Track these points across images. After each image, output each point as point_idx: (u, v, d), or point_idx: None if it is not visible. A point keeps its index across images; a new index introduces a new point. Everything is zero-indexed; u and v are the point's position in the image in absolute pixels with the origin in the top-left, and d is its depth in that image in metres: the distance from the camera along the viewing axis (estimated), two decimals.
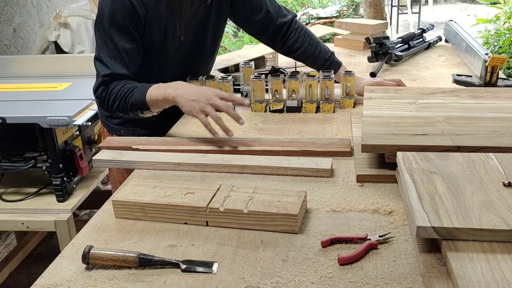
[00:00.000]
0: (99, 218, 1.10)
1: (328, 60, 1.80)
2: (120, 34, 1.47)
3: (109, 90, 1.49)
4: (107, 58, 1.49)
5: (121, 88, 1.48)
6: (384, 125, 1.27)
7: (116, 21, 1.46)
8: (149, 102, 1.44)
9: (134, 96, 1.45)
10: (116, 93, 1.48)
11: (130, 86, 1.48)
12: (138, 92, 1.46)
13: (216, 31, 1.72)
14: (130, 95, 1.46)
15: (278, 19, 1.77)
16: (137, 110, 1.49)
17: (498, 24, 4.83)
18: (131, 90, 1.47)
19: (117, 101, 1.48)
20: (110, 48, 1.48)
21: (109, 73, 1.48)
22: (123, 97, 1.47)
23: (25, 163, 1.93)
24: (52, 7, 3.44)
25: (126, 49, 1.49)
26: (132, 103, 1.46)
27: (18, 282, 2.54)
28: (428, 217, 0.85)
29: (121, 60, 1.49)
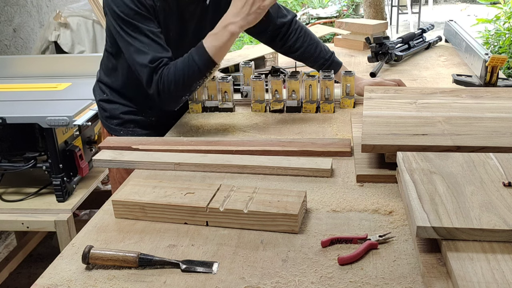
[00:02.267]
0: (99, 218, 1.10)
1: (328, 60, 1.80)
2: (143, 23, 1.43)
3: (165, 77, 1.42)
4: (142, 49, 1.43)
5: (176, 68, 1.42)
6: (384, 125, 1.27)
7: (131, 12, 1.43)
8: (215, 55, 1.40)
9: (197, 61, 1.40)
10: (174, 75, 1.42)
11: (182, 59, 1.42)
12: (197, 55, 1.40)
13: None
14: (191, 64, 1.40)
15: (277, 19, 1.77)
16: (206, 73, 1.44)
17: (498, 24, 4.83)
18: (187, 60, 1.41)
19: (180, 81, 1.42)
20: (141, 39, 1.43)
21: (151, 58, 1.42)
22: (184, 73, 1.41)
23: (25, 163, 1.93)
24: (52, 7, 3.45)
25: (154, 32, 1.44)
26: (200, 71, 1.41)
27: (18, 282, 2.54)
28: (428, 217, 0.85)
29: (156, 44, 1.44)
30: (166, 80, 1.43)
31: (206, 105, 1.74)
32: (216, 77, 1.71)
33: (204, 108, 1.75)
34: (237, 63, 2.14)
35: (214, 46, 1.40)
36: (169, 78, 1.42)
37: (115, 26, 1.47)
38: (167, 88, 1.44)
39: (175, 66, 1.44)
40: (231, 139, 1.45)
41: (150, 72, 1.43)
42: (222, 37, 1.39)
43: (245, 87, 1.83)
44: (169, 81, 1.43)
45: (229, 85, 1.69)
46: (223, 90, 1.70)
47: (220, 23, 1.42)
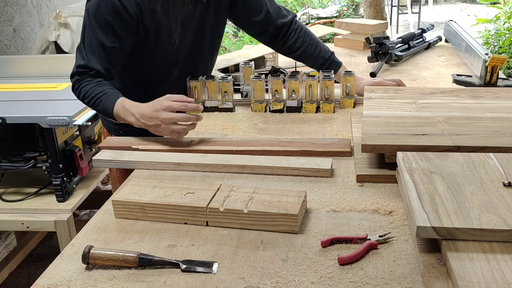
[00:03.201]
0: (99, 218, 1.10)
1: (328, 60, 1.80)
2: (103, 31, 1.48)
3: (81, 85, 1.52)
4: (86, 50, 1.51)
5: (92, 88, 1.50)
6: (384, 125, 1.27)
7: (101, 17, 1.47)
8: (116, 116, 1.48)
9: (103, 104, 1.49)
10: (86, 92, 1.51)
11: (101, 90, 1.50)
12: (106, 102, 1.48)
13: (215, 31, 1.71)
14: (99, 100, 1.49)
15: (278, 19, 1.77)
16: (104, 115, 1.56)
17: (498, 24, 4.83)
18: (100, 95, 1.49)
19: (87, 99, 1.52)
20: (91, 41, 1.50)
21: (83, 64, 1.51)
22: (92, 99, 1.50)
23: (25, 163, 1.93)
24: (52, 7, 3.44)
25: (106, 46, 1.50)
26: (100, 110, 1.51)
27: (18, 282, 2.54)
28: (428, 217, 0.85)
29: (98, 56, 1.50)
30: (80, 90, 1.53)
31: (206, 105, 1.74)
32: (216, 77, 1.71)
33: (204, 108, 1.74)
34: (237, 63, 2.14)
35: (117, 112, 1.47)
36: (81, 91, 1.52)
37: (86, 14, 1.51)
38: (78, 94, 1.55)
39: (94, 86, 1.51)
40: (231, 139, 1.45)
41: (75, 72, 1.53)
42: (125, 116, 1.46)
43: (245, 87, 1.83)
44: (81, 91, 1.53)
45: (229, 85, 1.69)
46: (223, 90, 1.70)
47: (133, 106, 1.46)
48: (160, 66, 1.65)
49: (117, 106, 1.47)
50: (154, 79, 1.68)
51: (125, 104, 1.46)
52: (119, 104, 1.47)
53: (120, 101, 1.47)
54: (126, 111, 1.45)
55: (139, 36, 1.54)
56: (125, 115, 1.46)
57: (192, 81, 1.70)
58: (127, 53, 1.57)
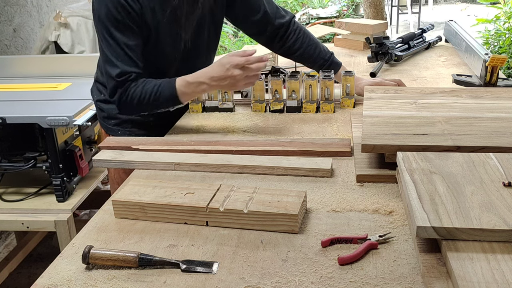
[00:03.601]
0: (99, 218, 1.10)
1: (327, 61, 1.80)
2: (120, 32, 1.47)
3: (129, 93, 1.49)
4: (113, 59, 1.48)
5: (143, 89, 1.48)
6: (384, 125, 1.27)
7: (113, 18, 1.46)
8: (182, 98, 1.48)
9: (163, 94, 1.48)
10: (140, 95, 1.48)
11: (152, 85, 1.49)
12: (165, 90, 1.48)
13: (212, 30, 1.71)
14: (157, 93, 1.47)
15: (276, 20, 1.77)
16: (169, 106, 1.53)
17: (498, 24, 4.83)
18: (156, 90, 1.48)
19: (144, 103, 1.49)
20: (114, 48, 1.48)
21: (119, 72, 1.48)
22: (150, 96, 1.48)
23: (25, 163, 1.93)
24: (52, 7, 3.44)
25: (130, 45, 1.48)
26: (163, 101, 1.49)
27: (18, 282, 2.54)
28: (428, 217, 0.85)
29: (128, 58, 1.49)
30: (131, 96, 1.50)
31: (206, 105, 1.74)
32: None
33: (204, 108, 1.75)
34: None
35: (183, 92, 1.48)
36: (134, 95, 1.49)
37: (97, 28, 1.51)
38: (129, 103, 1.51)
39: (143, 87, 1.49)
40: (231, 139, 1.45)
41: (115, 85, 1.50)
42: (194, 89, 1.48)
43: None
44: (133, 98, 1.50)
45: None
46: (223, 90, 1.70)
47: (197, 76, 1.47)
48: (159, 65, 1.65)
49: (179, 86, 1.47)
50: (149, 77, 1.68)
51: (187, 79, 1.47)
52: (180, 84, 1.47)
53: (179, 80, 1.48)
54: (192, 84, 1.46)
55: (142, 34, 1.54)
56: (193, 89, 1.47)
57: None
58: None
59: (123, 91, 1.50)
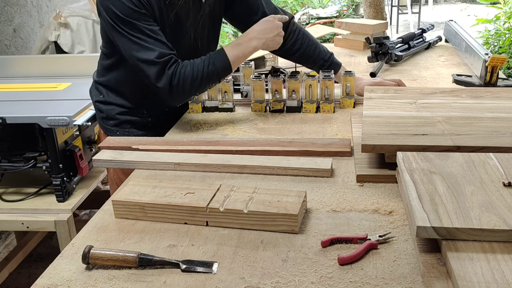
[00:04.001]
0: (99, 218, 1.10)
1: (327, 61, 1.80)
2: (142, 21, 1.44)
3: (180, 75, 1.45)
4: (146, 46, 1.44)
5: (193, 67, 1.47)
6: (384, 125, 1.27)
7: (131, 11, 1.43)
8: (234, 63, 1.51)
9: (217, 66, 1.49)
10: (192, 74, 1.46)
11: (201, 61, 1.49)
12: (218, 61, 1.49)
13: (211, 30, 1.71)
14: (210, 67, 1.47)
15: None
16: (221, 78, 1.54)
17: (498, 24, 4.83)
18: (208, 64, 1.48)
19: (198, 80, 1.47)
20: (143, 37, 1.44)
21: (158, 53, 1.43)
22: (203, 74, 1.47)
23: (25, 163, 1.93)
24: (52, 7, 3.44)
25: (155, 31, 1.45)
26: (218, 74, 1.50)
27: (18, 282, 2.54)
28: (428, 217, 0.85)
29: (159, 41, 1.45)
30: (183, 77, 1.46)
31: (206, 105, 1.74)
32: None
33: (204, 108, 1.75)
34: None
35: (235, 55, 1.50)
36: (186, 75, 1.46)
37: (113, 25, 1.46)
38: (182, 84, 1.46)
39: (193, 64, 1.48)
40: (231, 139, 1.45)
41: (161, 67, 1.44)
42: (245, 48, 1.51)
43: (245, 87, 1.83)
44: (185, 78, 1.46)
45: (229, 85, 1.69)
46: (223, 90, 1.70)
47: (244, 35, 1.53)
48: None
49: (230, 52, 1.49)
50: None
51: (235, 43, 1.51)
52: (229, 50, 1.50)
53: (227, 48, 1.51)
54: (241, 45, 1.50)
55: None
56: (244, 49, 1.50)
57: None
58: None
59: (172, 74, 1.45)
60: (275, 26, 1.54)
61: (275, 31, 1.54)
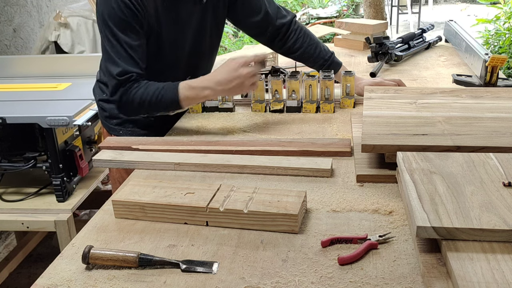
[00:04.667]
0: (99, 218, 1.10)
1: (328, 61, 1.80)
2: (124, 33, 1.46)
3: (131, 94, 1.47)
4: (115, 58, 1.47)
5: (145, 91, 1.47)
6: (384, 125, 1.27)
7: (117, 17, 1.45)
8: (183, 102, 1.47)
9: (165, 98, 1.46)
10: (141, 97, 1.47)
11: (155, 88, 1.47)
12: (168, 93, 1.46)
13: (214, 31, 1.71)
14: (159, 97, 1.46)
15: (277, 20, 1.77)
16: (169, 110, 1.52)
17: (498, 24, 4.83)
18: (158, 92, 1.46)
19: (145, 105, 1.48)
20: (117, 48, 1.47)
21: (120, 71, 1.46)
22: (150, 101, 1.46)
23: (25, 163, 1.93)
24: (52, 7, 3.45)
25: (132, 46, 1.48)
26: (164, 105, 1.48)
27: (18, 282, 2.54)
28: (428, 217, 0.85)
29: (130, 58, 1.48)
30: (132, 97, 1.48)
31: (206, 105, 1.74)
32: None
33: (204, 108, 1.75)
34: None
35: (186, 96, 1.46)
36: (135, 96, 1.48)
37: (101, 27, 1.50)
38: (130, 104, 1.49)
39: (146, 89, 1.47)
40: (231, 139, 1.45)
41: (117, 84, 1.48)
42: (197, 94, 1.46)
43: None
44: (134, 99, 1.48)
45: None
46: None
47: (201, 81, 1.46)
48: (162, 66, 1.65)
49: (182, 90, 1.45)
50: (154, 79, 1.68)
51: (191, 84, 1.46)
52: (183, 88, 1.46)
53: (182, 85, 1.46)
54: (195, 89, 1.45)
55: (145, 35, 1.53)
56: (196, 93, 1.45)
57: None
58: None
59: (124, 91, 1.48)
60: (237, 76, 1.42)
61: (235, 81, 1.43)
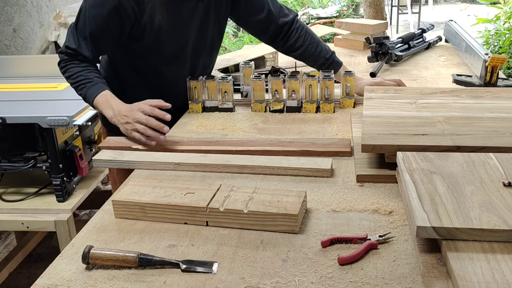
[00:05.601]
0: (99, 218, 1.10)
1: (328, 60, 1.80)
2: (96, 24, 1.51)
3: (68, 65, 1.57)
4: (77, 33, 1.54)
5: (79, 72, 1.54)
6: (384, 125, 1.27)
7: (97, 12, 1.49)
8: (95, 105, 1.53)
9: (86, 90, 1.53)
10: (74, 73, 1.55)
11: (88, 77, 1.53)
12: (90, 89, 1.52)
13: (215, 30, 1.71)
14: (83, 85, 1.53)
15: (279, 18, 1.77)
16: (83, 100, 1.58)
17: (498, 24, 4.83)
18: (86, 82, 1.53)
19: (71, 80, 1.56)
20: (84, 29, 1.52)
21: (74, 48, 1.54)
22: (77, 82, 1.54)
23: (25, 163, 1.93)
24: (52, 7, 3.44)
25: (97, 38, 1.53)
26: (82, 94, 1.55)
27: (18, 282, 2.54)
28: (428, 217, 0.85)
29: (88, 44, 1.53)
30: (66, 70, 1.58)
31: (206, 105, 1.74)
32: (216, 77, 1.71)
33: (204, 108, 1.75)
34: (237, 63, 2.14)
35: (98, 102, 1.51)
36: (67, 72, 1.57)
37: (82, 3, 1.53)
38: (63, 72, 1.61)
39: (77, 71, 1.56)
40: (231, 139, 1.45)
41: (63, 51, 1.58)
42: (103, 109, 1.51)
43: (245, 87, 1.83)
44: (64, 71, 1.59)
45: (229, 85, 1.69)
46: (223, 90, 1.70)
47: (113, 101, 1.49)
48: (160, 64, 1.65)
49: (100, 97, 1.50)
50: (155, 77, 1.68)
51: (108, 98, 1.50)
52: (102, 95, 1.50)
53: (104, 93, 1.51)
54: (106, 104, 1.49)
55: (133, 34, 1.54)
56: (104, 107, 1.49)
57: (192, 81, 1.70)
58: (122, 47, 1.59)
59: (66, 60, 1.57)
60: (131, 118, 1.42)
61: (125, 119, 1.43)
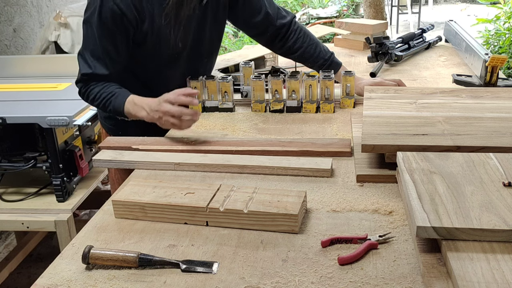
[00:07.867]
0: (99, 218, 1.10)
1: (327, 61, 1.80)
2: (106, 38, 1.49)
3: (89, 89, 1.55)
4: (89, 56, 1.52)
5: (100, 91, 1.53)
6: (384, 125, 1.27)
7: (102, 23, 1.48)
8: (127, 114, 1.51)
9: (113, 104, 1.52)
10: (96, 94, 1.54)
11: (109, 91, 1.52)
12: (116, 101, 1.51)
13: (214, 32, 1.71)
14: (109, 101, 1.52)
15: (277, 20, 1.77)
16: (116, 115, 1.56)
17: (498, 24, 4.83)
18: (109, 97, 1.52)
19: (96, 102, 1.55)
20: (95, 47, 1.51)
21: (90, 72, 1.53)
22: (102, 100, 1.53)
23: (25, 163, 1.93)
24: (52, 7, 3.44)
25: (109, 50, 1.52)
26: (111, 110, 1.53)
27: (18, 282, 2.54)
28: (428, 217, 0.85)
29: (103, 61, 1.52)
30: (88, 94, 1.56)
31: (206, 105, 1.74)
32: (216, 77, 1.71)
33: (204, 108, 1.75)
34: (237, 63, 2.14)
35: (129, 109, 1.50)
36: (90, 95, 1.56)
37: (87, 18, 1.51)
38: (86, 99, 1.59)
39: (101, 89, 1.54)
40: (231, 139, 1.45)
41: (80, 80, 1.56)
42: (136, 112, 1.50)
43: (245, 87, 1.83)
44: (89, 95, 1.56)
45: (229, 85, 1.69)
46: (223, 90, 1.70)
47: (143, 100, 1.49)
48: (160, 67, 1.65)
49: (127, 103, 1.50)
50: (154, 80, 1.68)
51: (135, 101, 1.50)
52: (129, 102, 1.50)
53: (130, 98, 1.51)
54: (137, 107, 1.49)
55: (136, 40, 1.54)
56: (136, 111, 1.49)
57: (192, 81, 1.70)
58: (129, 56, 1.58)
59: (84, 86, 1.56)
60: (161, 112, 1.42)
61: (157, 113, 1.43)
